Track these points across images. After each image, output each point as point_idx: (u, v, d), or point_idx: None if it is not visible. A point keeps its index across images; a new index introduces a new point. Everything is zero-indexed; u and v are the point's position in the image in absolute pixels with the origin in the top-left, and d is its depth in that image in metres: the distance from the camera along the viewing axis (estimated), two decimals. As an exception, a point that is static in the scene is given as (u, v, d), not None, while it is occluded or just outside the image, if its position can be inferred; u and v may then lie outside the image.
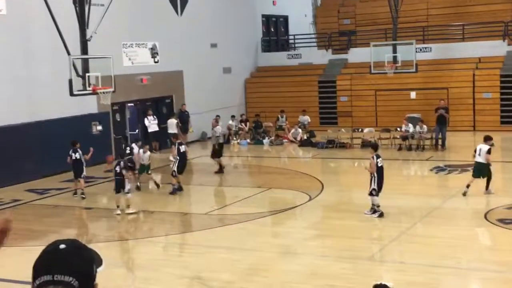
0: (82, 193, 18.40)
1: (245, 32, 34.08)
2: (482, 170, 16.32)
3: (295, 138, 28.50)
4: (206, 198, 18.92)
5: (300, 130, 28.93)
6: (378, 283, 5.12)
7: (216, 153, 21.68)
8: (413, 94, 30.51)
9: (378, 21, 33.69)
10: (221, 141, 22.01)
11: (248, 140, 29.30)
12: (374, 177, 14.90)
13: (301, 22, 37.54)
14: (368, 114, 31.37)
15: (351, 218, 15.27)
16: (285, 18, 38.30)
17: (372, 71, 29.14)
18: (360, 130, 27.86)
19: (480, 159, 16.36)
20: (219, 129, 22.35)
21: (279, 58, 35.22)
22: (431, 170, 21.01)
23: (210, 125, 24.57)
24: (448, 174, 20.10)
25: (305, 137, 28.25)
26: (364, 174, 19.10)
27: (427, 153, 24.08)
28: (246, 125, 30.36)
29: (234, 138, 29.38)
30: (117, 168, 16.45)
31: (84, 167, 18.58)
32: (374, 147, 15.91)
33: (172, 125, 27.29)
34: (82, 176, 18.51)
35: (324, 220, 15.79)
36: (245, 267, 11.70)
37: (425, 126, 25.22)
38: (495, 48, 30.41)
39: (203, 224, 15.15)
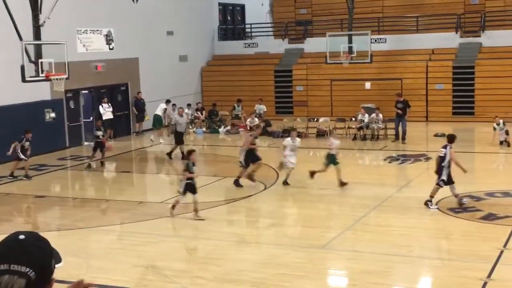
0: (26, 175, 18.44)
1: (202, 20, 33.92)
2: None
3: (251, 127, 28.52)
4: (162, 186, 18.84)
5: (256, 119, 28.97)
6: None
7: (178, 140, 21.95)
8: (367, 85, 30.83)
9: (334, 11, 33.88)
10: (178, 130, 22.03)
11: (204, 129, 29.23)
12: (447, 168, 14.44)
13: (257, 11, 37.52)
14: (323, 104, 31.60)
15: (305, 207, 15.40)
16: (242, 7, 38.24)
17: (328, 61, 29.34)
18: (315, 119, 28.05)
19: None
20: (178, 117, 22.49)
21: (235, 47, 35.17)
22: (385, 159, 21.31)
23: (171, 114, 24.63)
24: (402, 164, 20.40)
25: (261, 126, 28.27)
26: (319, 164, 19.28)
27: (381, 143, 24.39)
28: (202, 114, 30.27)
29: (190, 127, 29.27)
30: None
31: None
32: (451, 139, 15.01)
33: (160, 108, 27.75)
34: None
35: (279, 209, 15.88)
36: (199, 255, 11.72)
37: (380, 115, 25.53)
38: (448, 40, 30.92)
39: (158, 213, 15.08)
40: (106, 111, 26.81)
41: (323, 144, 25.05)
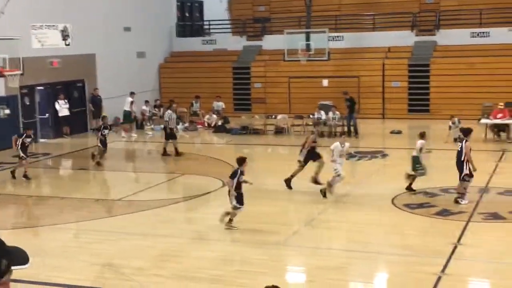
0: None
1: (160, 16, 33.71)
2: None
3: (209, 124, 28.51)
4: (119, 184, 18.69)
5: (214, 116, 28.96)
6: (270, 285, 5.18)
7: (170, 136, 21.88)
8: (325, 82, 31.06)
9: (292, 9, 34.02)
10: (171, 126, 22.10)
11: (162, 126, 29.03)
12: (468, 162, 14.57)
13: (216, 8, 37.44)
14: (281, 101, 31.72)
15: (264, 204, 15.45)
16: (200, 3, 38.12)
17: (286, 59, 29.50)
18: (273, 116, 28.15)
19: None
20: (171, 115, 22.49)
21: (194, 44, 35.06)
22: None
23: (122, 110, 24.31)
24: (358, 160, 20.61)
25: (219, 123, 28.30)
26: (277, 161, 19.38)
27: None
28: (160, 111, 30.09)
29: (148, 124, 29.08)
30: None
31: None
32: (466, 132, 15.39)
33: (127, 102, 27.86)
34: None
35: (238, 206, 15.87)
36: (157, 253, 11.67)
37: (337, 113, 25.78)
38: (404, 38, 31.34)
39: (115, 210, 14.97)
40: (62, 108, 26.47)
41: (281, 141, 25.23)
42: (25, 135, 18.42)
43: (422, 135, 16.48)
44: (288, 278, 10.95)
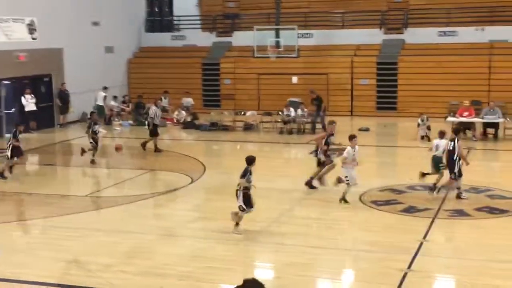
0: None
1: (128, 11, 33.48)
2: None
3: (178, 120, 28.42)
4: (87, 179, 18.54)
5: (183, 112, 28.87)
6: (250, 278, 5.19)
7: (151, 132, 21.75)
8: (294, 79, 31.15)
9: (262, 5, 34.05)
10: (156, 122, 21.86)
11: (131, 122, 28.89)
12: (459, 161, 14.73)
13: (185, 3, 37.25)
14: (250, 98, 31.75)
15: (233, 200, 15.43)
16: (170, -1, 37.90)
17: (256, 55, 29.53)
18: (242, 113, 28.17)
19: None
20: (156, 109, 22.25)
21: (163, 39, 34.91)
22: (310, 153, 21.56)
23: (91, 105, 24.03)
24: (327, 157, 20.67)
25: (188, 119, 28.22)
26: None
27: (308, 137, 24.67)
28: (128, 106, 29.91)
29: (116, 119, 28.88)
30: None
31: None
32: (457, 131, 15.45)
33: (100, 97, 27.83)
34: None
35: (206, 203, 15.89)
36: (125, 250, 11.60)
37: (305, 110, 25.90)
38: (372, 36, 31.57)
39: (82, 206, 14.85)
40: (29, 103, 26.15)
41: (250, 137, 25.25)
42: (17, 131, 17.97)
43: (443, 134, 15.49)
44: (255, 274, 10.95)
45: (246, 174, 12.17)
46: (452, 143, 14.78)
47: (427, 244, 11.52)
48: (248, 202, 12.13)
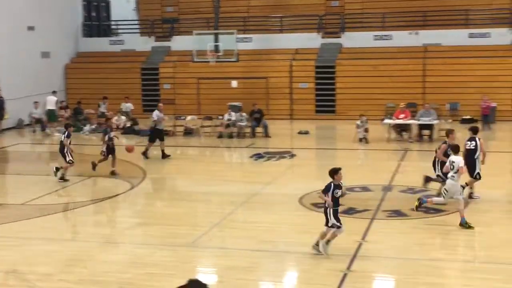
0: None
1: (65, 16, 32.97)
2: None
3: (118, 126, 28.11)
4: (24, 187, 18.16)
5: (123, 117, 28.58)
6: (194, 278, 5.23)
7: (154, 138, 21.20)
8: (234, 83, 31.24)
9: (201, 9, 34.06)
10: (159, 127, 21.37)
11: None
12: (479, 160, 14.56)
13: (123, 8, 36.99)
14: (191, 102, 31.69)
15: (173, 205, 15.43)
16: (107, 3, 37.52)
17: (195, 60, 29.51)
18: (183, 117, 28.07)
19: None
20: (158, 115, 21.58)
21: (101, 44, 34.50)
22: (251, 157, 21.69)
23: (28, 111, 23.49)
24: (267, 161, 20.85)
25: (128, 125, 27.95)
26: (187, 161, 19.35)
27: (248, 141, 24.82)
28: (66, 112, 29.43)
29: (53, 125, 28.38)
30: None
31: None
32: (473, 130, 15.04)
33: (52, 101, 27.42)
34: None
35: (147, 208, 15.78)
36: (64, 258, 11.42)
37: (244, 114, 26.01)
38: (311, 40, 31.95)
39: (19, 215, 14.54)
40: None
41: (190, 142, 25.19)
42: None
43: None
44: (197, 279, 10.94)
45: (329, 188, 11.03)
46: (474, 142, 14.70)
47: (366, 245, 11.73)
48: (338, 218, 11.06)
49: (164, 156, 20.91)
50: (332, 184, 11.05)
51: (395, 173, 18.16)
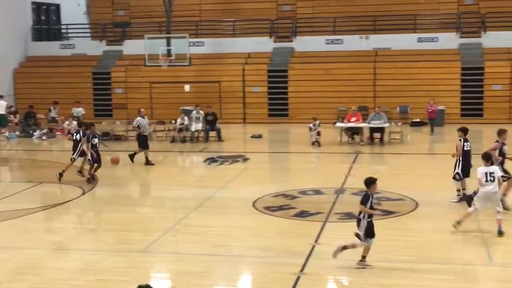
0: None
1: (13, 20, 32.40)
2: None
3: (69, 131, 27.72)
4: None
5: (74, 122, 28.20)
6: (144, 284, 5.22)
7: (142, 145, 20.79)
8: (187, 87, 31.17)
9: (153, 13, 33.90)
10: (145, 133, 20.99)
11: (18, 133, 27.94)
12: (459, 161, 14.63)
13: (74, 11, 36.52)
14: (143, 106, 31.24)
15: (125, 211, 15.28)
16: (57, 6, 37.00)
17: (147, 64, 29.36)
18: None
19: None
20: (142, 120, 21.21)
21: (51, 48, 34.03)
22: (204, 161, 21.67)
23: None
24: (220, 165, 20.84)
25: (79, 130, 27.58)
26: (140, 166, 19.22)
27: (201, 145, 24.77)
28: (15, 117, 28.91)
29: (2, 131, 27.85)
30: None
31: None
32: (464, 131, 15.06)
33: (2, 106, 26.96)
34: None
35: (99, 214, 15.60)
36: (14, 266, 11.21)
37: (202, 112, 25.94)
38: (263, 44, 32.10)
39: (-33, 223, 14.21)
40: None
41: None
42: None
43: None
44: (150, 285, 10.86)
45: (368, 199, 10.60)
46: (468, 142, 14.85)
47: (319, 247, 11.82)
48: (370, 232, 10.70)
49: (148, 163, 20.63)
50: (370, 194, 10.70)
51: (347, 176, 18.35)
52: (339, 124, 24.57)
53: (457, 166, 14.82)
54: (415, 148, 23.99)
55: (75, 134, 18.38)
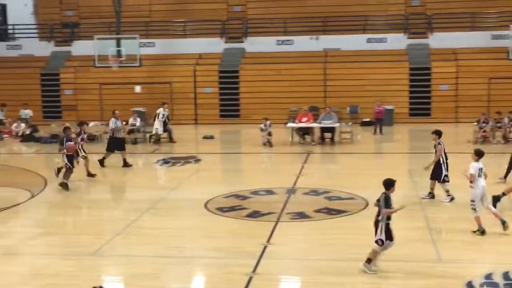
0: None
1: (-42, 20, 31.65)
2: None
3: (17, 133, 27.27)
4: None
5: (22, 124, 27.74)
6: (98, 286, 5.21)
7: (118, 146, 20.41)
8: (137, 88, 30.95)
9: (102, 14, 33.55)
10: (119, 135, 20.56)
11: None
12: (444, 163, 14.69)
13: (21, 11, 35.82)
14: (93, 108, 31.14)
15: (76, 214, 15.11)
16: (3, 6, 36.22)
17: (97, 65, 29.05)
18: (85, 124, 27.48)
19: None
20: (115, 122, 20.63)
21: (-3, 49, 33.40)
22: (156, 162, 21.55)
23: None
24: (172, 166, 20.77)
25: (28, 132, 27.16)
26: (90, 168, 18.98)
27: (153, 146, 24.63)
28: (-40, 120, 28.30)
29: None
30: None
31: None
32: (439, 133, 15.08)
33: None
34: None
35: (49, 218, 15.36)
36: (-40, 272, 10.97)
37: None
38: (214, 45, 32.12)
39: None
40: None
41: (93, 149, 24.71)
42: None
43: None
44: (103, 286, 10.78)
45: (388, 201, 10.30)
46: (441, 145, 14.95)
47: (271, 247, 11.89)
48: (389, 235, 10.38)
49: (126, 165, 20.33)
50: (389, 196, 10.41)
51: (299, 175, 18.49)
52: (290, 124, 24.73)
53: (444, 169, 14.84)
54: (365, 147, 24.33)
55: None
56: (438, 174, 14.91)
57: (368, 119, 29.07)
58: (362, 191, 15.98)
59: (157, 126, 25.07)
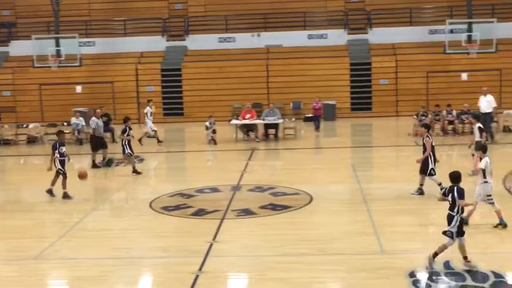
0: None
1: None
2: None
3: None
4: None
5: (-42, 127, 27.03)
6: None
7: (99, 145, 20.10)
8: (78, 88, 30.53)
9: (40, 13, 32.96)
10: (100, 134, 20.28)
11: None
12: (431, 157, 14.49)
13: (-46, 11, 34.92)
14: (33, 109, 30.59)
15: (17, 217, 14.81)
16: None
17: (36, 65, 28.52)
18: (25, 125, 27.03)
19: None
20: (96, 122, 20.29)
21: None
22: (99, 163, 21.26)
23: None
24: (116, 166, 20.56)
25: (-35, 135, 26.47)
26: (32, 171, 18.63)
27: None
28: None
29: None
30: None
31: None
32: (427, 127, 14.97)
33: None
34: None
35: (-12, 222, 15.02)
36: None
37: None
38: (156, 43, 31.92)
39: None
40: None
41: (34, 151, 24.28)
42: None
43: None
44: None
45: (463, 193, 9.80)
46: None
47: (217, 245, 11.90)
48: (461, 229, 9.89)
49: (108, 163, 20.26)
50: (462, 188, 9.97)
51: (243, 172, 18.55)
52: (234, 122, 24.79)
53: (430, 163, 14.66)
54: (308, 143, 24.58)
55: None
56: (425, 167, 14.73)
57: (311, 115, 29.36)
58: (307, 186, 16.15)
59: (150, 125, 24.88)
